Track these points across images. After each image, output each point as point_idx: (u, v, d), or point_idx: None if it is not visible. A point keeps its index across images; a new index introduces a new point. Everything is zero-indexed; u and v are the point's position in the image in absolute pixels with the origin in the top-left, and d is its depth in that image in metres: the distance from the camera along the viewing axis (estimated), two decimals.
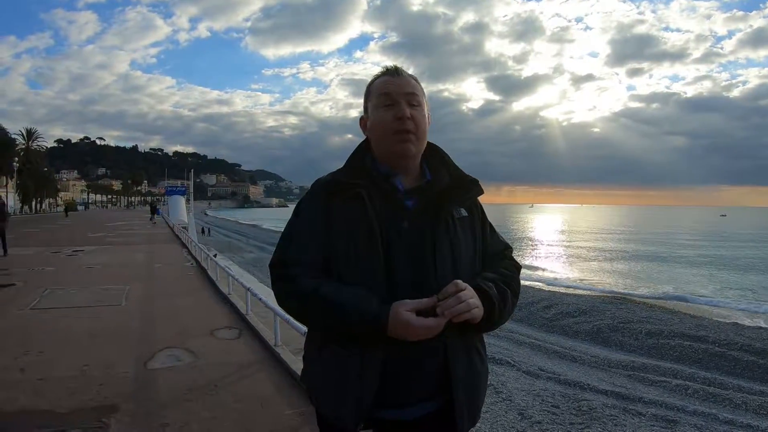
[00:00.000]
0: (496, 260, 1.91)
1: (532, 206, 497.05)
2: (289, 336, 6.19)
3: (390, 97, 1.74)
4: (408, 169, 1.80)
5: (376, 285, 1.60)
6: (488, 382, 1.94)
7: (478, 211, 1.90)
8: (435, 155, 1.89)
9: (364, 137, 1.90)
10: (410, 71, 1.77)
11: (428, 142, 1.86)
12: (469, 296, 1.57)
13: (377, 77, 1.83)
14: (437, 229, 1.70)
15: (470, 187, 1.86)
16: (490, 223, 1.97)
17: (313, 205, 1.77)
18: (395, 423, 1.67)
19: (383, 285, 1.60)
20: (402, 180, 1.77)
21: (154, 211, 52.50)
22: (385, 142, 1.76)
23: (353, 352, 1.61)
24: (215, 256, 14.70)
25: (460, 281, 1.58)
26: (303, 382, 1.89)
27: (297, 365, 5.28)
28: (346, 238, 1.66)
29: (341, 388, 1.63)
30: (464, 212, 1.81)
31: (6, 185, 65.83)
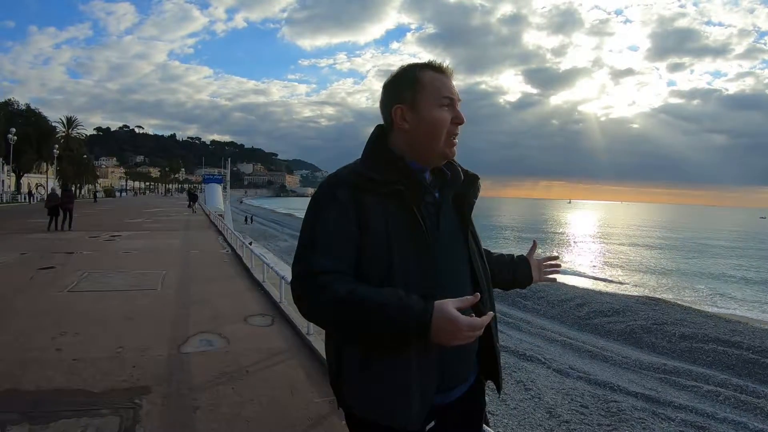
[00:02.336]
0: None
1: (570, 202, 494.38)
2: None
3: (451, 100, 1.71)
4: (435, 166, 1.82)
5: (430, 284, 1.58)
6: (518, 379, 2.03)
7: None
8: None
9: None
10: (446, 63, 1.75)
11: None
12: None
13: (426, 68, 1.74)
14: (468, 224, 1.77)
15: (476, 182, 1.88)
16: None
17: (337, 205, 1.62)
18: (440, 407, 1.67)
19: (436, 283, 1.59)
20: (428, 175, 1.79)
21: (193, 198, 46.91)
22: (435, 142, 1.71)
23: (407, 357, 1.56)
24: (250, 243, 14.79)
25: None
26: (346, 397, 1.71)
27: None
28: (390, 239, 1.58)
29: (403, 394, 1.57)
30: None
31: (46, 171, 67.02)
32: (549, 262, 2.25)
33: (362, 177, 1.65)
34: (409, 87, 1.73)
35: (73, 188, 53.96)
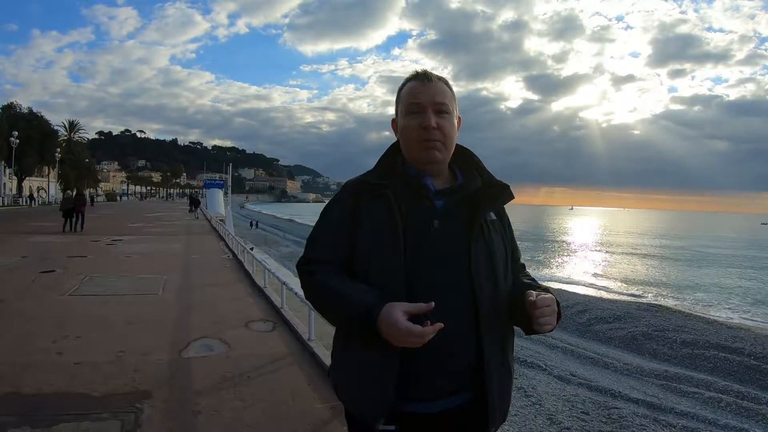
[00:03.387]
0: (520, 268, 1.96)
1: (572, 208, 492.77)
2: (323, 330, 6.22)
3: (418, 106, 1.74)
4: (438, 172, 1.82)
5: (398, 285, 1.61)
6: (519, 385, 1.99)
7: (506, 217, 1.92)
8: (467, 158, 1.92)
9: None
10: (448, 69, 1.79)
11: (460, 146, 1.90)
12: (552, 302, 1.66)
13: (409, 80, 1.83)
14: (472, 229, 1.71)
15: (501, 191, 1.85)
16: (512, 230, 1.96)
17: (338, 206, 1.82)
18: (423, 416, 1.68)
19: (404, 285, 1.61)
20: (433, 181, 1.78)
21: (195, 203, 48.27)
22: (410, 149, 1.79)
23: (372, 349, 1.61)
24: (252, 249, 14.84)
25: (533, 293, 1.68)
26: (330, 378, 1.92)
27: (330, 360, 5.32)
28: (371, 238, 1.69)
29: (363, 384, 1.68)
30: (494, 216, 1.84)
31: (48, 175, 67.19)
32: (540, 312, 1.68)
33: (361, 182, 1.80)
34: (396, 101, 1.87)
35: (87, 193, 54.11)
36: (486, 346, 1.68)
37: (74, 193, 32.61)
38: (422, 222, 1.69)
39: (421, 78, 1.79)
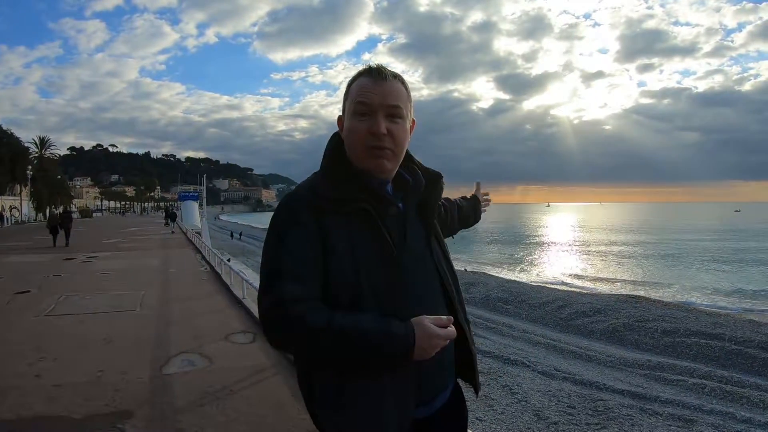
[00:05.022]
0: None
1: (548, 205, 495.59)
2: None
3: (367, 107, 1.57)
4: (390, 176, 1.69)
5: (397, 303, 1.52)
6: (504, 383, 2.00)
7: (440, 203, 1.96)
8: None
9: None
10: (419, 72, 1.67)
11: None
12: None
13: (360, 75, 1.64)
14: (429, 228, 1.73)
15: (439, 182, 1.81)
16: None
17: (300, 229, 1.54)
18: (422, 419, 1.64)
19: (403, 302, 1.53)
20: (389, 185, 1.69)
21: (171, 217, 44.74)
22: (356, 155, 1.62)
23: (381, 381, 1.51)
24: (229, 260, 14.75)
25: None
26: (323, 428, 1.63)
27: None
28: (357, 261, 1.52)
29: (378, 422, 1.52)
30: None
31: (20, 193, 66.28)
32: (485, 197, 2.70)
33: (322, 197, 1.57)
34: (345, 95, 1.68)
35: (47, 210, 53.43)
36: (466, 328, 1.75)
37: (61, 210, 33.85)
38: (399, 232, 1.62)
39: (374, 75, 1.61)
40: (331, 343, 1.44)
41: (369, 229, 1.55)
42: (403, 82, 1.65)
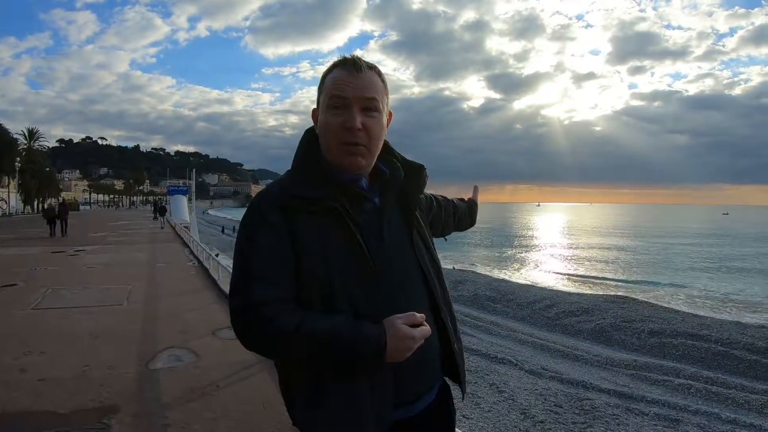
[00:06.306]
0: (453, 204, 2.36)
1: (539, 205, 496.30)
2: None
3: (342, 100, 1.52)
4: (366, 171, 1.65)
5: (371, 303, 1.49)
6: (491, 381, 1.97)
7: (425, 196, 1.93)
8: (384, 145, 1.71)
9: None
10: (410, 70, 1.62)
11: None
12: None
13: (335, 66, 1.59)
14: (410, 223, 1.69)
15: (422, 174, 1.77)
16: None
17: (269, 229, 1.51)
18: (405, 421, 1.60)
19: (375, 302, 1.49)
20: (364, 180, 1.64)
21: (160, 211, 43.03)
22: (331, 151, 1.57)
23: (359, 381, 1.48)
24: (217, 255, 14.67)
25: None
26: (301, 426, 1.60)
27: None
28: (328, 261, 1.48)
29: (357, 422, 1.49)
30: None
31: (8, 185, 65.82)
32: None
33: (292, 196, 1.53)
34: (319, 87, 1.63)
35: (36, 202, 53.19)
36: (450, 327, 1.70)
37: (58, 202, 35.83)
38: (374, 228, 1.58)
39: (349, 66, 1.56)
40: (301, 346, 1.43)
41: (340, 227, 1.51)
42: (379, 73, 1.61)
